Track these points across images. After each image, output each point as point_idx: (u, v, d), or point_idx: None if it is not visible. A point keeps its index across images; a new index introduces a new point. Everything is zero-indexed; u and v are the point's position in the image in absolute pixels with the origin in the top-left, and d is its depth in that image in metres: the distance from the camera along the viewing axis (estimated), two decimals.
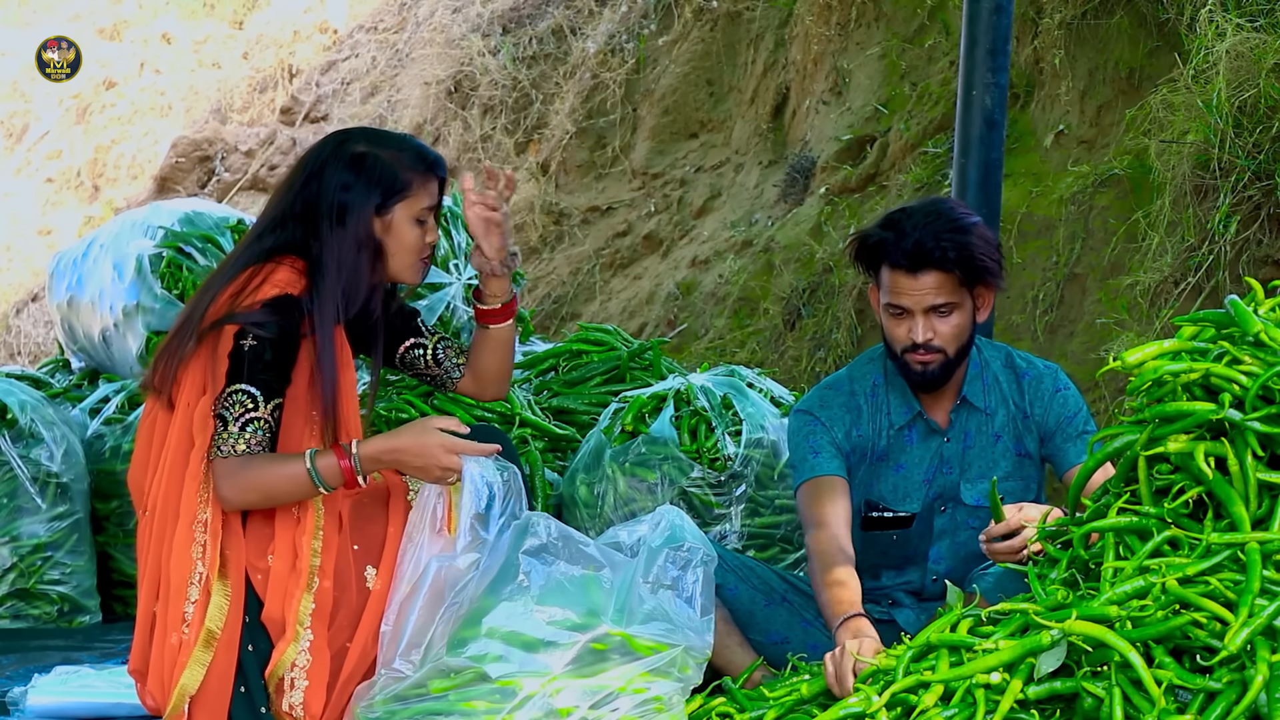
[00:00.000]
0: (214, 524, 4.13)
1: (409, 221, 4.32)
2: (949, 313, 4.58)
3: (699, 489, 6.20)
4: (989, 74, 6.37)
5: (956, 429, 4.75)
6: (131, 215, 8.47)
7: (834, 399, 4.82)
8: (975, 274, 4.58)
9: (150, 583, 4.20)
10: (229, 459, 4.10)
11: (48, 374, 8.61)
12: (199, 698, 4.12)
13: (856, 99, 10.32)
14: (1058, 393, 4.71)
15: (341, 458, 4.11)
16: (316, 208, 4.26)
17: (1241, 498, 3.75)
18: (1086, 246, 7.89)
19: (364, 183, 4.27)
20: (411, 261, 4.37)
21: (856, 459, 4.78)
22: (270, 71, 16.00)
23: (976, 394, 4.74)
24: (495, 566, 4.03)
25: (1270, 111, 6.70)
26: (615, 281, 11.61)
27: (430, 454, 4.10)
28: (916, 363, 4.62)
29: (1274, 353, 3.83)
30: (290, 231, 4.29)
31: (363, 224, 4.26)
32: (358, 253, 4.25)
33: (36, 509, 7.23)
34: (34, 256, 16.03)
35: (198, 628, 4.10)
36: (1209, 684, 3.48)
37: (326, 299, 4.20)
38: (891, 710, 3.77)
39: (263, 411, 4.12)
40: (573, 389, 7.48)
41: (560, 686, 3.91)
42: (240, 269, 4.27)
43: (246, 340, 4.13)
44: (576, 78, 12.82)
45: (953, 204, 4.71)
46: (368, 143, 4.35)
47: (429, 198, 4.35)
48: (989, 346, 4.83)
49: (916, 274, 4.54)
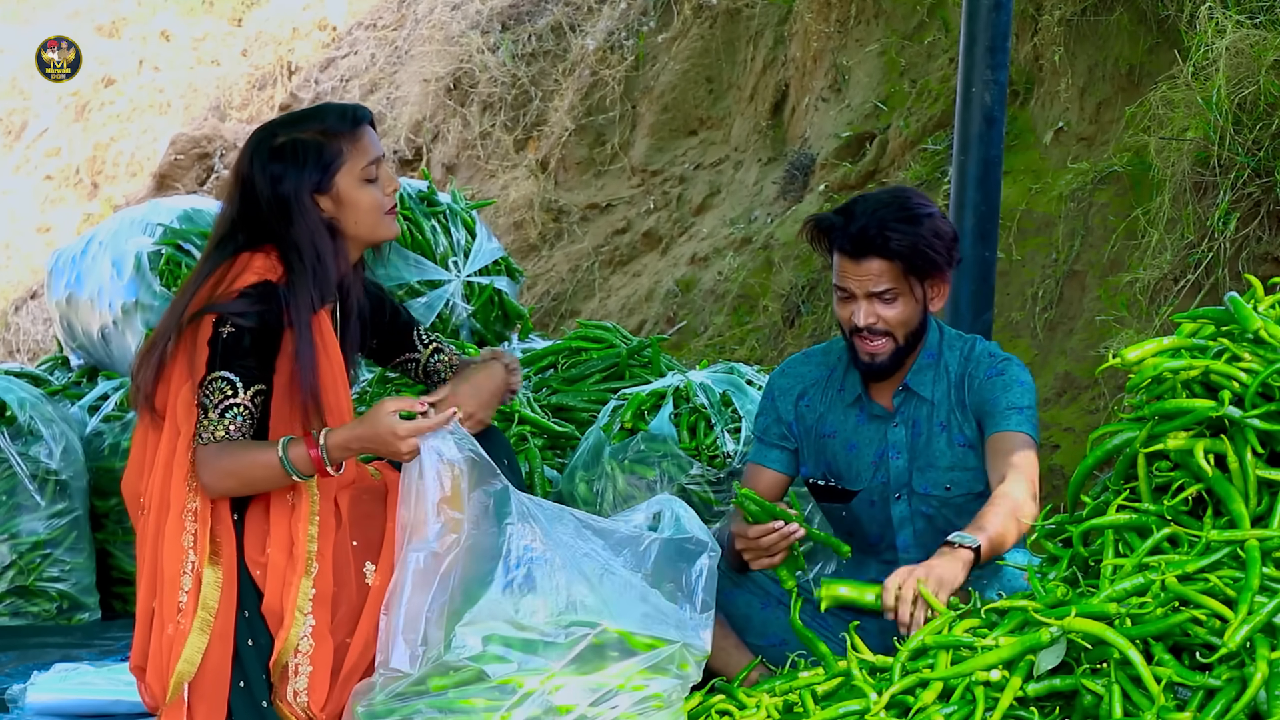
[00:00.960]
0: (203, 512, 4.14)
1: (356, 185, 4.29)
2: (893, 300, 4.61)
3: (698, 486, 6.20)
4: (988, 71, 6.37)
5: (904, 415, 4.76)
6: (130, 213, 8.47)
7: (797, 366, 4.95)
8: (919, 266, 4.59)
9: (148, 578, 4.20)
10: (209, 446, 4.11)
11: (47, 371, 8.61)
12: (197, 688, 4.12)
13: (856, 96, 10.32)
14: (991, 378, 4.67)
15: (311, 446, 4.11)
16: (259, 210, 4.26)
17: (1241, 495, 3.75)
18: (1086, 244, 7.89)
19: (294, 170, 4.25)
20: (376, 219, 4.34)
21: (802, 430, 4.86)
22: (269, 69, 16.00)
23: (924, 384, 4.75)
24: (477, 546, 4.00)
25: (1270, 108, 6.69)
26: (614, 279, 11.61)
27: (383, 438, 4.09)
28: (865, 351, 4.67)
29: (1274, 350, 3.83)
30: (246, 235, 4.29)
31: (308, 211, 4.24)
32: (314, 239, 4.23)
33: (35, 506, 7.23)
34: (33, 254, 16.03)
35: (191, 615, 4.10)
36: (1208, 681, 3.48)
37: (300, 291, 4.19)
38: (890, 709, 3.77)
39: (242, 398, 4.13)
40: (572, 386, 7.48)
41: (559, 684, 3.90)
42: (214, 268, 4.28)
43: (225, 328, 4.14)
44: (576, 75, 12.82)
45: (913, 194, 4.72)
46: (285, 129, 4.32)
47: (365, 153, 4.31)
48: (957, 338, 4.83)
49: (859, 260, 4.58)
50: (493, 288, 8.15)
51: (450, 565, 3.99)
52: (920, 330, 4.70)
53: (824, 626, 4.78)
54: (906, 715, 3.74)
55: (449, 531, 4.02)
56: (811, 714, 3.86)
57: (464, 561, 3.99)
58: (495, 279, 8.19)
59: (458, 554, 3.99)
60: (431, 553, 4.01)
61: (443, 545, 4.02)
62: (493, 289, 8.15)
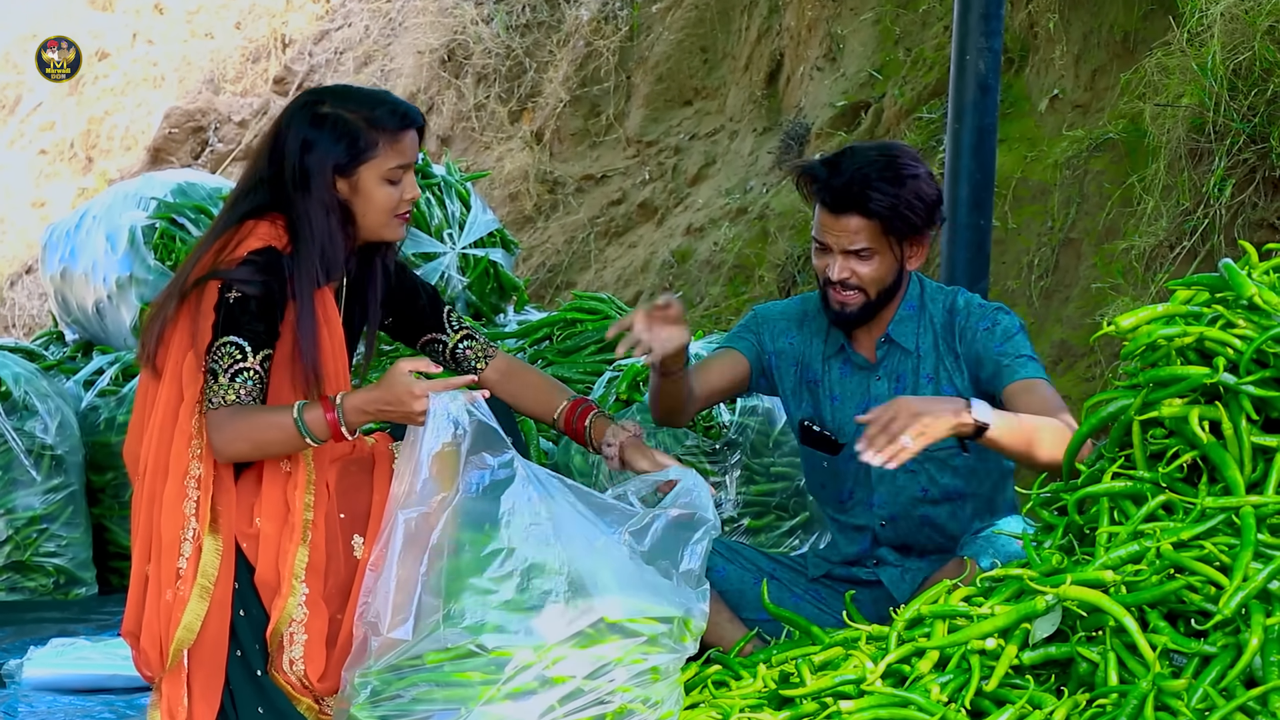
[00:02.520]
0: (205, 479, 4.12)
1: (377, 181, 4.26)
2: (869, 257, 4.60)
3: (694, 456, 6.20)
4: (983, 39, 6.35)
5: (886, 368, 4.76)
6: (125, 186, 8.47)
7: (778, 308, 4.95)
8: (897, 226, 4.58)
9: (143, 542, 4.19)
10: (219, 410, 4.09)
11: (42, 346, 8.62)
12: (196, 656, 4.11)
13: (850, 65, 10.30)
14: (984, 330, 4.67)
15: (328, 410, 4.09)
16: (282, 172, 4.24)
17: (1236, 461, 3.74)
18: (1081, 211, 7.88)
19: (325, 144, 4.22)
20: (385, 220, 4.31)
21: (784, 362, 4.86)
22: (263, 41, 15.96)
23: (906, 335, 4.74)
24: (474, 512, 3.97)
25: (1265, 74, 6.68)
26: (610, 250, 11.60)
27: (399, 398, 4.06)
28: (835, 301, 4.66)
29: (1268, 316, 3.82)
30: (263, 195, 4.27)
31: (325, 187, 4.22)
32: (326, 216, 4.22)
33: (31, 481, 7.24)
34: (27, 228, 16.00)
35: (190, 581, 4.09)
36: (1204, 648, 3.48)
37: (304, 263, 4.18)
38: (886, 678, 3.77)
39: (252, 362, 4.12)
40: (567, 358, 7.48)
41: (557, 656, 3.90)
42: (221, 232, 4.27)
43: (231, 293, 4.12)
44: (570, 45, 12.79)
45: (903, 153, 4.68)
46: (334, 102, 4.29)
47: (399, 156, 4.28)
48: (938, 290, 4.81)
49: (839, 215, 4.57)
50: (488, 260, 8.15)
51: (444, 529, 3.96)
52: (895, 286, 4.69)
53: (817, 598, 4.78)
54: (902, 684, 3.74)
55: (441, 491, 3.99)
56: (808, 683, 3.86)
57: (458, 527, 3.96)
58: (490, 251, 8.19)
59: (450, 517, 3.96)
60: (423, 514, 3.99)
61: (433, 506, 3.99)
62: (488, 261, 8.14)
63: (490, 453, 4.03)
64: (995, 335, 4.65)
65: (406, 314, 4.66)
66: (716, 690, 4.10)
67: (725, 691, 4.08)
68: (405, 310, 4.65)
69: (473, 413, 4.04)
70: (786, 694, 3.87)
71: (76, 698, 5.52)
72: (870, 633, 4.00)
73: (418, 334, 4.70)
